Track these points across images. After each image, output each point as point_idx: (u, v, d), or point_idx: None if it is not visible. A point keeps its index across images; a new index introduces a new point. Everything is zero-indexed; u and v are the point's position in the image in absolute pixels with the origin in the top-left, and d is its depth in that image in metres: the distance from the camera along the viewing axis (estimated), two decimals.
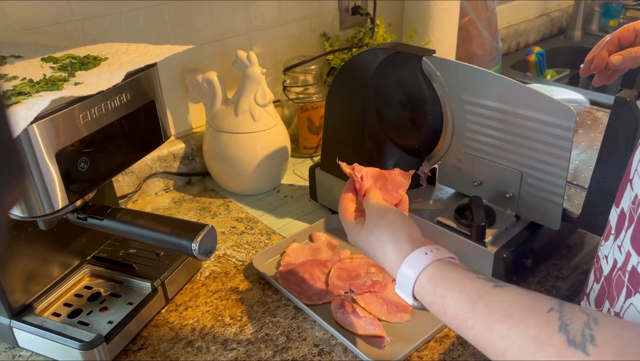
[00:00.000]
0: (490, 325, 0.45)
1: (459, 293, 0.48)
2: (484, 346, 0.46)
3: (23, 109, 0.53)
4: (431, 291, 0.51)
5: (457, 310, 0.48)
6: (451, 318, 0.49)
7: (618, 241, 0.53)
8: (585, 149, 0.91)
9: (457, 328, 0.49)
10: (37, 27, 0.87)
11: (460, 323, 0.48)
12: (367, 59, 0.82)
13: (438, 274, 0.51)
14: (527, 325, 0.42)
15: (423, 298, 0.52)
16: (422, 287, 0.52)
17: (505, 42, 1.73)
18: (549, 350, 0.40)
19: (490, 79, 0.74)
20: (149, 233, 0.66)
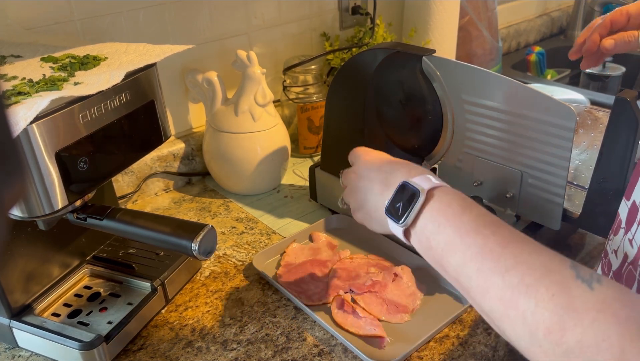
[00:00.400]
0: (507, 241, 0.44)
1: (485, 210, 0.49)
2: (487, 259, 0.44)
3: (23, 109, 0.53)
4: (458, 194, 0.51)
5: (479, 217, 0.47)
6: (467, 222, 0.47)
7: (629, 234, 0.52)
8: (585, 149, 0.91)
9: (466, 232, 0.47)
10: (37, 27, 0.87)
11: (474, 228, 0.46)
12: (367, 59, 0.82)
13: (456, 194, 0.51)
14: (540, 253, 0.43)
15: (442, 196, 0.51)
16: (444, 191, 0.51)
17: (505, 42, 1.73)
18: (556, 278, 0.40)
19: (491, 79, 0.74)
20: (149, 233, 0.66)
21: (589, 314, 0.38)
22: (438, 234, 0.48)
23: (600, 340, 0.37)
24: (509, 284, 0.42)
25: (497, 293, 0.43)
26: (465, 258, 0.46)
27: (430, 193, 0.50)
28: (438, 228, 0.48)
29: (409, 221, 0.50)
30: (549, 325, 0.39)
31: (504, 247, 0.44)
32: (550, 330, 0.39)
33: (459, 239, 0.47)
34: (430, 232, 0.49)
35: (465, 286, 0.46)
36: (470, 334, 0.71)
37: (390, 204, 0.53)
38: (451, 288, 0.78)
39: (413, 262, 0.82)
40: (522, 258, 0.43)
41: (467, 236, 0.46)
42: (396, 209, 0.51)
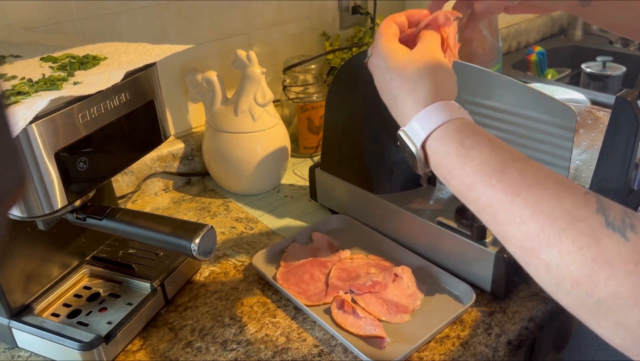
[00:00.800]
0: (519, 188, 0.41)
1: (490, 151, 0.44)
2: (497, 211, 0.42)
3: (22, 108, 0.53)
4: (457, 141, 0.46)
5: (482, 166, 0.44)
6: (469, 174, 0.44)
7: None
8: (586, 149, 0.91)
9: (470, 186, 0.44)
10: (37, 27, 0.87)
11: (478, 180, 0.43)
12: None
13: (468, 128, 0.47)
14: (561, 199, 0.39)
15: (440, 147, 0.47)
16: (445, 134, 0.47)
17: (505, 42, 1.73)
18: (582, 227, 0.37)
19: (491, 79, 0.74)
20: (149, 233, 0.66)
21: (624, 267, 0.35)
22: (448, 184, 0.47)
23: (639, 293, 0.34)
24: (527, 235, 0.39)
25: (516, 242, 0.41)
26: (478, 209, 0.44)
27: (426, 143, 0.49)
28: (445, 180, 0.48)
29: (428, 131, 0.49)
30: (578, 277, 0.37)
31: (516, 195, 0.41)
32: (578, 282, 0.37)
33: (466, 192, 0.45)
34: (442, 179, 0.48)
35: (483, 218, 0.45)
36: (470, 334, 0.71)
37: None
38: (451, 288, 0.78)
39: (413, 262, 0.82)
40: (539, 206, 0.39)
41: (472, 190, 0.44)
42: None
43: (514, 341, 0.72)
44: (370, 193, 0.88)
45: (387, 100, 0.55)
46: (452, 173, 0.46)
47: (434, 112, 0.49)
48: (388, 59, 0.55)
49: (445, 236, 0.79)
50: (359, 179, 0.90)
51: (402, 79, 0.53)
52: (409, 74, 0.52)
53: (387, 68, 0.54)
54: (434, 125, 0.48)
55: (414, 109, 0.51)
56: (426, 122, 0.49)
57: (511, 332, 0.72)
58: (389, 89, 0.54)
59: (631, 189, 0.71)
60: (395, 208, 0.85)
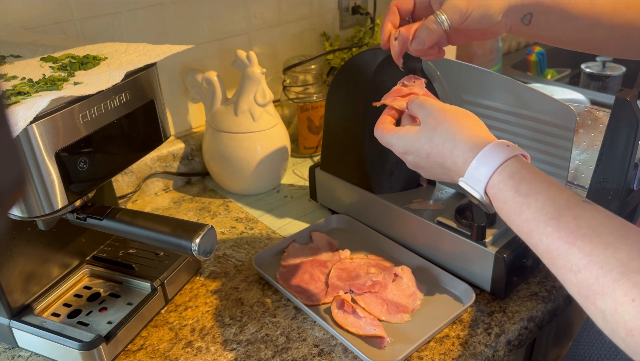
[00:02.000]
0: (574, 238, 0.42)
1: (545, 197, 0.45)
2: (554, 258, 0.43)
3: (22, 108, 0.53)
4: (512, 188, 0.47)
5: (538, 214, 0.45)
6: (526, 221, 0.45)
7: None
8: (585, 149, 0.91)
9: (528, 232, 0.46)
10: (37, 27, 0.87)
11: (535, 227, 0.45)
12: (367, 59, 0.82)
13: (523, 171, 0.48)
14: (617, 249, 0.40)
15: (497, 193, 0.48)
16: (500, 181, 0.48)
17: (505, 42, 1.73)
18: (636, 279, 0.38)
19: (491, 79, 0.74)
20: (149, 233, 0.66)
21: None
22: (511, 226, 0.48)
23: None
24: (583, 283, 0.41)
25: (574, 288, 0.42)
26: (537, 253, 0.45)
27: (486, 190, 0.50)
28: (507, 223, 0.49)
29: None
30: (631, 328, 0.37)
31: (572, 244, 0.42)
32: (632, 332, 0.37)
33: (525, 237, 0.46)
34: (505, 221, 0.49)
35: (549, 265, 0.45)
36: (470, 334, 0.71)
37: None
38: (451, 288, 0.78)
39: (413, 262, 0.82)
40: (594, 256, 0.40)
41: (530, 237, 0.46)
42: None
43: (514, 341, 0.72)
44: (370, 193, 0.88)
45: (439, 176, 0.57)
46: (511, 219, 0.48)
47: (485, 157, 0.50)
48: (408, 146, 0.57)
49: (445, 236, 0.79)
50: (359, 179, 0.90)
51: (436, 149, 0.55)
52: (438, 140, 0.54)
53: (414, 151, 0.57)
54: (490, 172, 0.49)
55: (465, 163, 0.52)
56: (482, 170, 0.50)
57: (511, 332, 0.72)
58: (431, 165, 0.56)
59: (631, 189, 0.71)
60: (395, 208, 0.85)
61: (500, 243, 0.76)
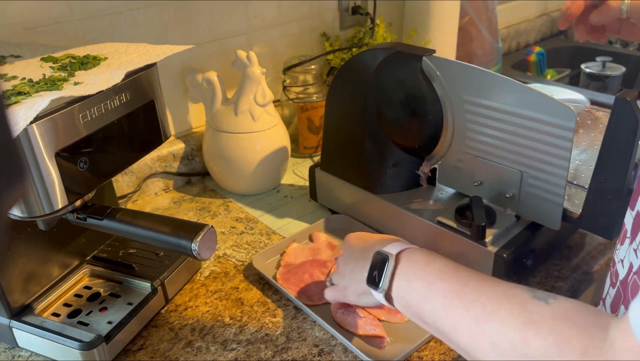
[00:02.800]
0: (465, 285, 0.49)
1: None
2: (451, 305, 0.49)
3: (22, 109, 0.53)
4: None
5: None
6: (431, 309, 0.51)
7: (634, 244, 0.53)
8: (585, 148, 0.91)
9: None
10: (37, 27, 0.87)
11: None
12: (367, 59, 0.82)
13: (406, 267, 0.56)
14: (498, 284, 0.47)
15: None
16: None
17: (505, 42, 1.73)
18: (514, 300, 0.45)
19: (491, 79, 0.74)
20: (149, 233, 0.66)
21: (546, 323, 0.41)
22: (410, 289, 0.53)
23: (561, 343, 0.39)
24: (474, 316, 0.46)
25: (466, 326, 0.46)
26: (435, 304, 0.50)
27: (398, 256, 0.55)
28: (410, 284, 0.53)
29: (385, 285, 0.55)
30: (513, 341, 0.42)
31: (465, 285, 0.48)
32: (515, 346, 0.42)
33: (427, 288, 0.51)
34: (404, 290, 0.54)
35: (442, 330, 0.50)
36: None
37: (369, 275, 0.57)
38: None
39: None
40: (482, 291, 0.47)
41: (433, 284, 0.51)
42: (374, 278, 0.56)
43: None
44: (370, 193, 0.88)
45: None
46: (417, 274, 0.54)
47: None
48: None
49: (445, 236, 0.79)
50: (359, 179, 0.90)
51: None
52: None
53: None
54: (402, 245, 0.58)
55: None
56: (393, 246, 0.58)
57: None
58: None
59: (630, 189, 0.71)
60: (395, 208, 0.85)
61: (500, 243, 0.76)
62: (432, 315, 0.50)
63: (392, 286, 0.55)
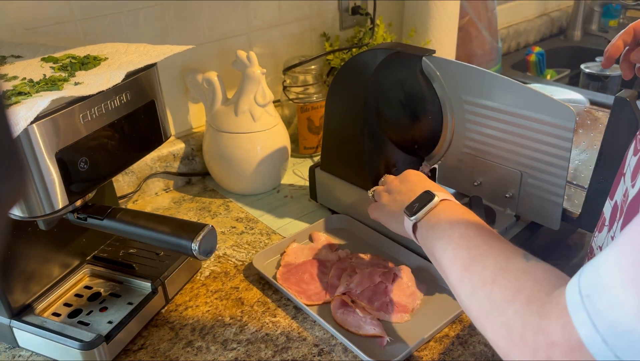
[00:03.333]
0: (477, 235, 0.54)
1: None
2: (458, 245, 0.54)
3: (23, 109, 0.53)
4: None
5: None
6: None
7: (611, 232, 0.55)
8: (585, 149, 0.91)
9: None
10: (37, 27, 0.87)
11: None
12: (367, 59, 0.82)
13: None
14: (503, 242, 0.53)
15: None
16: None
17: (505, 42, 1.73)
18: (505, 253, 0.50)
19: (490, 79, 0.74)
20: (149, 233, 0.66)
21: (515, 274, 0.47)
22: (435, 226, 0.60)
23: (516, 292, 0.45)
24: (470, 255, 0.52)
25: (460, 262, 0.53)
26: (448, 240, 0.56)
27: (442, 201, 0.62)
28: (437, 222, 0.60)
29: (420, 215, 0.62)
30: (485, 280, 0.48)
31: (478, 235, 0.54)
32: (485, 284, 0.48)
33: (449, 227, 0.58)
34: (431, 225, 0.60)
35: (442, 263, 0.56)
36: (469, 333, 0.72)
37: (410, 204, 0.64)
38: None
39: (413, 262, 0.82)
40: (488, 242, 0.53)
41: (454, 226, 0.57)
42: (412, 207, 0.63)
43: None
44: None
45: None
46: (446, 216, 0.60)
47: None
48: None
49: None
50: (359, 179, 0.90)
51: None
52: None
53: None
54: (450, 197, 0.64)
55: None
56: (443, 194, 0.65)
57: None
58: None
59: None
60: None
61: None
62: (441, 250, 0.56)
63: (422, 219, 0.61)
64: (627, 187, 0.53)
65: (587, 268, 0.39)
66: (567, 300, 0.39)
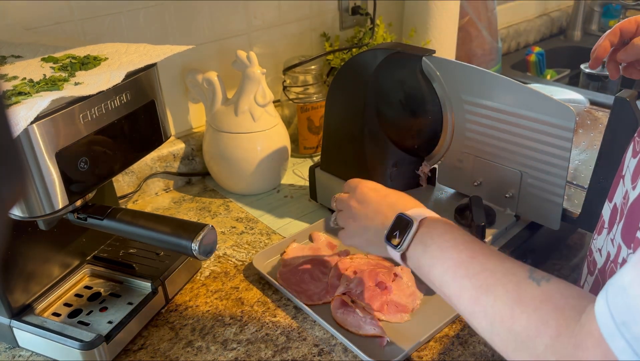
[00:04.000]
0: (473, 258, 0.52)
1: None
2: (457, 273, 0.52)
3: (23, 109, 0.53)
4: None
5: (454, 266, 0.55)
6: (440, 272, 0.55)
7: (611, 235, 0.55)
8: (585, 149, 0.91)
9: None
10: (37, 27, 0.87)
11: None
12: (367, 59, 0.82)
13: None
14: (503, 262, 0.51)
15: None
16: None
17: (505, 42, 1.73)
18: (512, 278, 0.48)
19: (490, 79, 0.74)
20: (149, 233, 0.66)
21: (532, 303, 0.45)
22: (425, 253, 0.57)
23: (541, 325, 0.43)
24: (475, 285, 0.50)
25: (467, 294, 0.50)
26: (444, 268, 0.54)
27: (421, 222, 0.59)
28: (425, 248, 0.57)
29: (405, 246, 0.59)
30: (503, 315, 0.46)
31: (473, 258, 0.52)
32: (503, 319, 0.46)
33: (440, 254, 0.55)
34: (419, 252, 0.57)
35: (447, 294, 0.54)
36: (469, 333, 0.72)
37: (389, 233, 0.60)
38: None
39: None
40: (488, 266, 0.51)
41: (446, 251, 0.55)
42: (393, 237, 0.60)
43: None
44: None
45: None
46: (434, 240, 0.57)
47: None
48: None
49: None
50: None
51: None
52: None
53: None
54: (425, 212, 0.61)
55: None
56: (416, 211, 0.61)
57: None
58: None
59: None
60: None
61: (500, 243, 0.76)
62: (440, 279, 0.54)
63: (408, 248, 0.59)
64: (627, 189, 0.53)
65: (612, 288, 0.38)
66: (600, 328, 0.38)
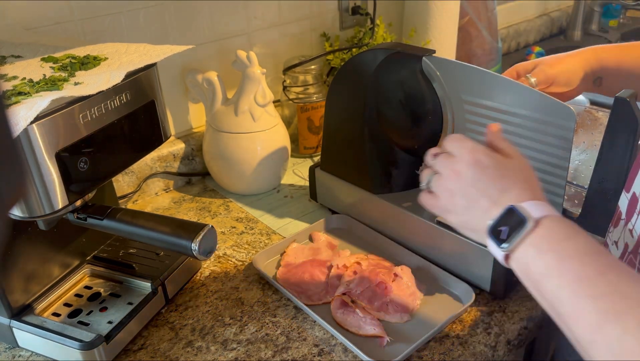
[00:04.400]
0: (601, 274, 0.44)
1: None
2: (578, 291, 0.44)
3: (23, 109, 0.53)
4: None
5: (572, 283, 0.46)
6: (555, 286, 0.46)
7: (629, 225, 0.53)
8: (585, 149, 0.91)
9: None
10: (37, 27, 0.87)
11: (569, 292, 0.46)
12: (367, 59, 0.82)
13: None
14: (636, 283, 0.42)
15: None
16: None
17: (505, 42, 1.73)
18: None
19: (490, 79, 0.74)
20: (149, 233, 0.66)
21: None
22: (538, 259, 0.47)
23: None
24: (600, 310, 0.42)
25: (587, 317, 0.42)
26: (562, 282, 0.45)
27: (539, 222, 0.48)
28: (538, 254, 0.47)
29: (512, 247, 0.49)
30: (634, 353, 0.39)
31: (601, 274, 0.43)
32: (633, 353, 0.39)
33: (557, 264, 0.46)
34: (530, 257, 0.48)
35: (559, 311, 0.45)
36: (470, 334, 0.72)
37: (495, 225, 0.51)
38: (451, 288, 0.78)
39: (413, 262, 0.82)
40: (618, 287, 0.42)
41: (565, 261, 0.46)
42: (499, 232, 0.50)
43: (514, 341, 0.72)
44: (370, 193, 0.88)
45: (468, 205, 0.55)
46: (552, 246, 0.48)
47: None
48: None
49: (444, 236, 0.79)
50: (359, 179, 0.90)
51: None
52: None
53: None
54: (545, 209, 0.49)
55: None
56: (534, 206, 0.50)
57: (510, 332, 0.72)
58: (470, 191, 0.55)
59: None
60: (395, 208, 0.85)
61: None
62: (553, 293, 0.45)
63: (517, 249, 0.49)
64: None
65: None
66: None
